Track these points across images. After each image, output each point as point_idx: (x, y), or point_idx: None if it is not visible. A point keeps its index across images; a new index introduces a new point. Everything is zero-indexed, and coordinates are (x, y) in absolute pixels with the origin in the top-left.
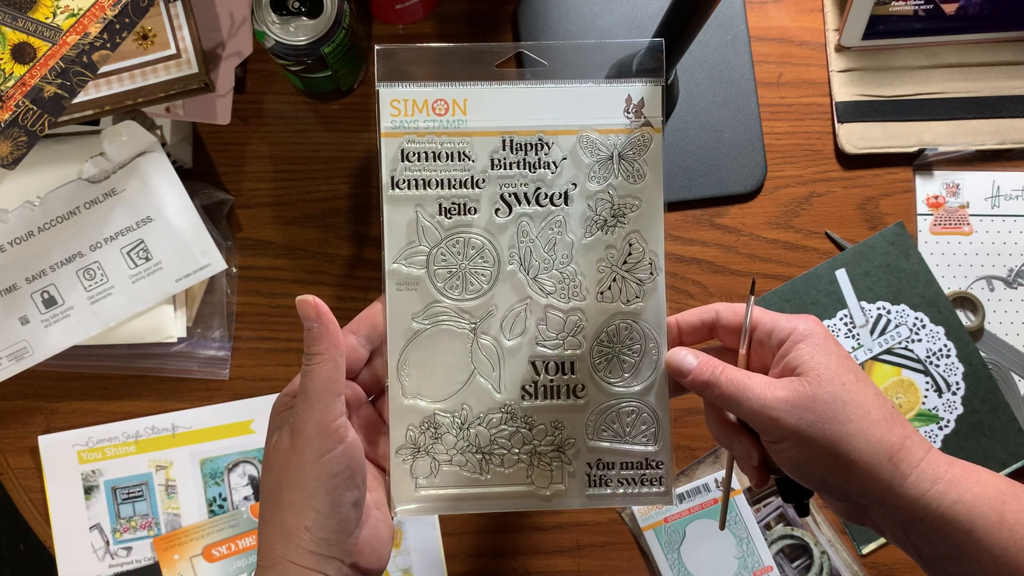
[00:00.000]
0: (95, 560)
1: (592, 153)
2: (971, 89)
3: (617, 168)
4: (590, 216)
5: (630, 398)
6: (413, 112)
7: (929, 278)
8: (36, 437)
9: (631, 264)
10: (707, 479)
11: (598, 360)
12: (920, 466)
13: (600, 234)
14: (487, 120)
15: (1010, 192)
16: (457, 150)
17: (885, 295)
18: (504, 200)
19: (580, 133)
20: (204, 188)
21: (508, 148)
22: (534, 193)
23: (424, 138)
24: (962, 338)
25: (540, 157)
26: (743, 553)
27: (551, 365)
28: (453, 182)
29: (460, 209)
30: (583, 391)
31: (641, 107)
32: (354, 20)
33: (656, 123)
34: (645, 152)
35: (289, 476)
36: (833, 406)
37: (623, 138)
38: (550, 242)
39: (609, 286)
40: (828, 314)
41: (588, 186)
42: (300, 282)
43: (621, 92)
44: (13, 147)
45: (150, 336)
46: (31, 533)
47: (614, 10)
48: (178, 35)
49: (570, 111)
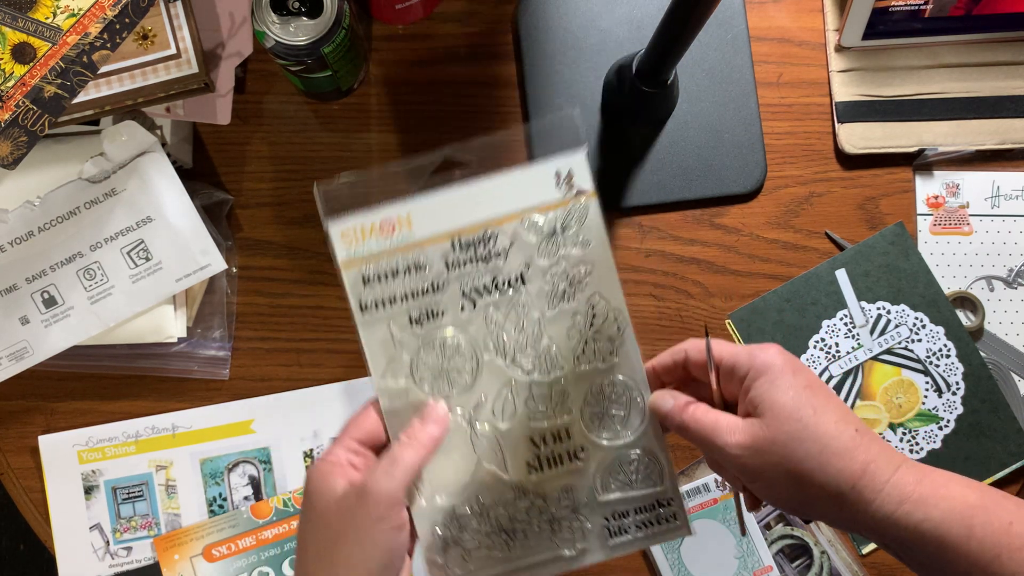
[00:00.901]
0: (95, 560)
1: (536, 232)
2: (971, 89)
3: (562, 240)
4: (549, 290)
5: (627, 448)
6: (363, 238)
7: (929, 278)
8: (36, 437)
9: (598, 325)
10: (707, 479)
11: (589, 420)
12: (885, 489)
13: (563, 304)
14: (433, 227)
15: (1010, 192)
16: (412, 263)
17: (885, 295)
18: (466, 296)
19: (521, 217)
20: (204, 188)
21: (458, 248)
22: (492, 283)
23: (379, 260)
24: (962, 338)
25: (489, 249)
26: (743, 553)
27: (548, 436)
28: (416, 292)
29: (428, 315)
30: (583, 452)
31: (571, 178)
32: (354, 20)
33: (588, 188)
34: (585, 218)
35: (349, 534)
36: (790, 446)
37: (561, 211)
38: (518, 323)
39: (583, 350)
40: (828, 314)
41: (540, 263)
42: (300, 282)
43: (549, 169)
44: (13, 147)
45: (150, 336)
46: (31, 533)
47: (614, 10)
48: (178, 35)
49: (507, 199)
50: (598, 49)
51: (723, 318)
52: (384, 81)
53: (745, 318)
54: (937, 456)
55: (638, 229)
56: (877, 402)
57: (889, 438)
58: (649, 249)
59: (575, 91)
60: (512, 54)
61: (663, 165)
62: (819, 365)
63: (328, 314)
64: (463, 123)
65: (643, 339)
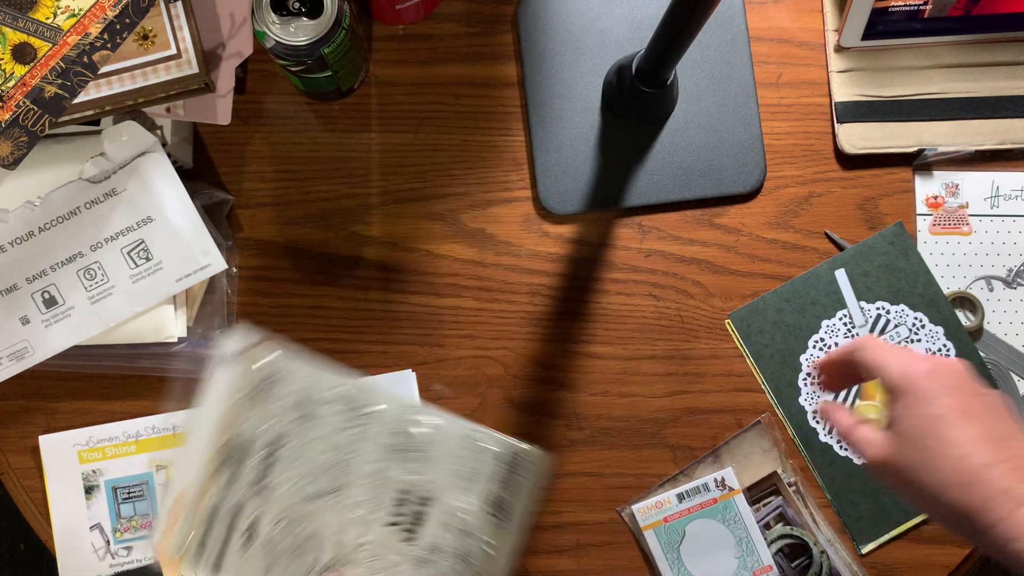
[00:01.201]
0: (95, 560)
1: None
2: (971, 89)
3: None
4: None
5: None
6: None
7: (928, 278)
8: (37, 437)
9: None
10: (707, 479)
11: None
12: (998, 527)
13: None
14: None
15: (1009, 192)
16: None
17: (884, 295)
18: None
19: None
20: (204, 188)
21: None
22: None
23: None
24: (961, 338)
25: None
26: (742, 552)
27: None
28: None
29: None
30: None
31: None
32: (354, 20)
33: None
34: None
35: None
36: (909, 473)
37: None
38: None
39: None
40: (828, 314)
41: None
42: (300, 282)
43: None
44: (14, 147)
45: (150, 336)
46: (32, 533)
47: (614, 10)
48: (178, 35)
49: None
50: (598, 49)
51: (723, 318)
52: (384, 81)
53: (745, 318)
54: None
55: (638, 229)
56: (877, 401)
57: None
58: (649, 249)
59: (575, 91)
60: (512, 54)
61: (663, 165)
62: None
63: (328, 314)
64: (463, 123)
65: (643, 339)
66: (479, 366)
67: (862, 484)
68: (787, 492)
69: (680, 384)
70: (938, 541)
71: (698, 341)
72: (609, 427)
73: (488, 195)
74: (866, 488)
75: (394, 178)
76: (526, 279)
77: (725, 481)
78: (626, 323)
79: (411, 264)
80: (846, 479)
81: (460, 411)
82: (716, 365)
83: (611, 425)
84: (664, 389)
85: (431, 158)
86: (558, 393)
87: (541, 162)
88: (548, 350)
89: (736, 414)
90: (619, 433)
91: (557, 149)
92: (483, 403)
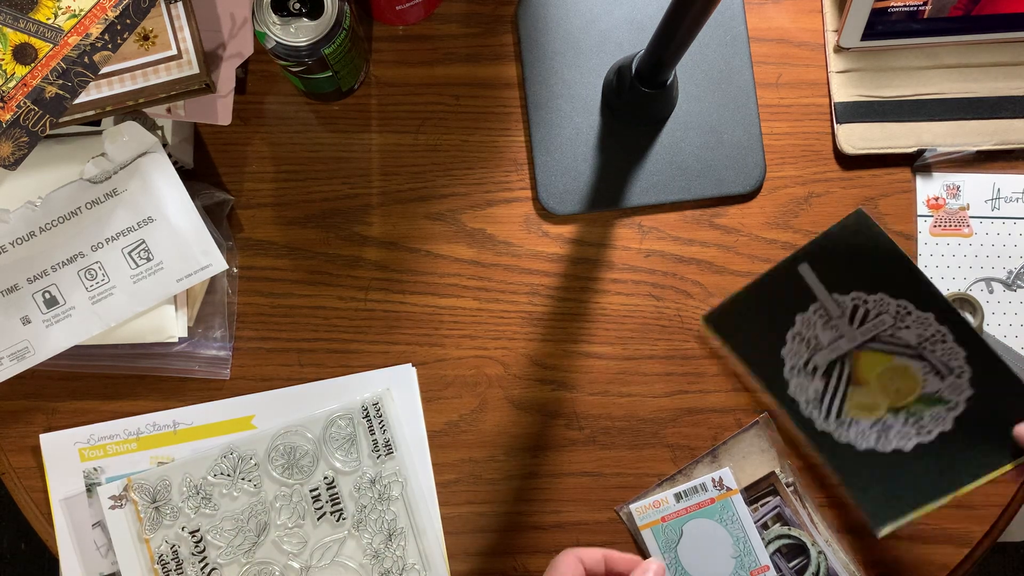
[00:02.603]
0: (98, 557)
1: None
2: (971, 89)
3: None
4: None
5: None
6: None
7: (908, 265)
8: (37, 437)
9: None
10: (704, 479)
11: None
12: None
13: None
14: None
15: (1010, 195)
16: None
17: (858, 284)
18: None
19: None
20: (205, 188)
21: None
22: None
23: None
24: (957, 322)
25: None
26: (740, 552)
27: None
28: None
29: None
30: None
31: None
32: (355, 21)
33: None
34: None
35: None
36: None
37: None
38: None
39: None
40: (801, 307)
41: None
42: (301, 282)
43: None
44: (15, 148)
45: (151, 336)
46: (32, 532)
47: (614, 11)
48: (179, 36)
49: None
50: (598, 49)
51: None
52: (385, 82)
53: (717, 319)
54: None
55: (638, 229)
56: (872, 388)
57: (893, 422)
58: (648, 249)
59: (575, 91)
60: (512, 54)
61: (663, 165)
62: (801, 358)
63: (328, 314)
64: (463, 123)
65: (643, 339)
66: (479, 366)
67: (870, 467)
68: (785, 492)
69: (679, 384)
70: (938, 541)
71: (698, 341)
72: (609, 427)
73: (488, 195)
74: (875, 470)
75: (394, 178)
76: (526, 279)
77: (723, 481)
78: (626, 323)
79: (411, 264)
80: (853, 463)
81: (460, 411)
82: (715, 365)
83: (611, 425)
84: (664, 389)
85: (431, 158)
86: (558, 393)
87: (541, 162)
88: (548, 350)
89: (736, 414)
90: (619, 433)
91: (557, 149)
92: (483, 403)
